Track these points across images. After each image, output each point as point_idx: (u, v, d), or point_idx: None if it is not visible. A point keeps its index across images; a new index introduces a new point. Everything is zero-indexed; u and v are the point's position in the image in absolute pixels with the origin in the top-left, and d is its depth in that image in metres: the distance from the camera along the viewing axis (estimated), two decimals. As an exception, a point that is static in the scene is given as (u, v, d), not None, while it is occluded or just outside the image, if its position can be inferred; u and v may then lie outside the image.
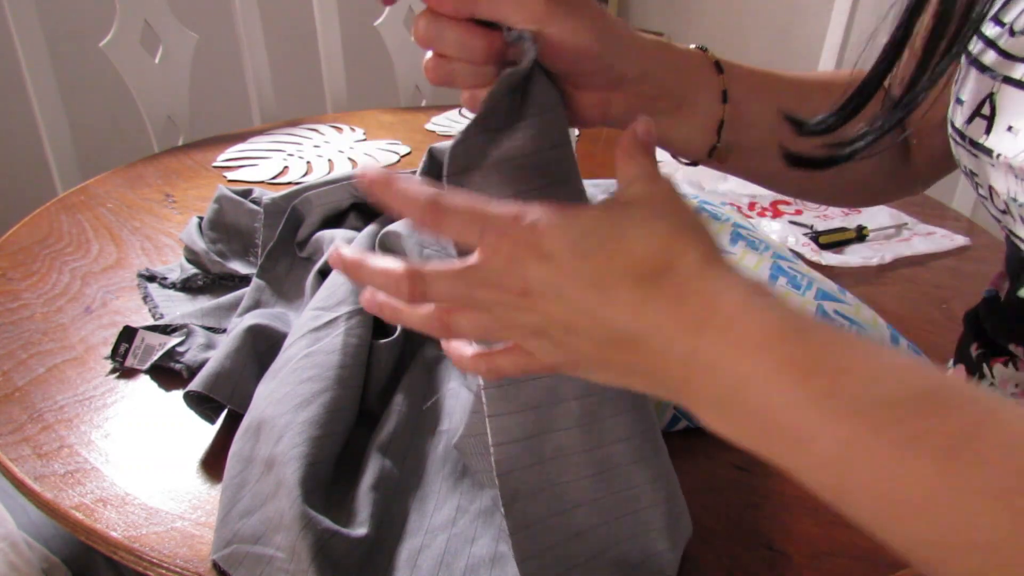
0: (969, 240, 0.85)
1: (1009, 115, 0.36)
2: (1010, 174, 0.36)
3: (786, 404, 0.26)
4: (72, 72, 1.47)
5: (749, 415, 0.28)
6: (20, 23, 1.02)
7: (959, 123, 0.40)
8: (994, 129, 0.37)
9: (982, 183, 0.39)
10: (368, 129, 1.15)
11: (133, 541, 0.43)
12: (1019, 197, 0.36)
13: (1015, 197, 0.36)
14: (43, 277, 0.71)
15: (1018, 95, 0.35)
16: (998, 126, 0.36)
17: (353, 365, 0.50)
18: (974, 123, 0.38)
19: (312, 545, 0.39)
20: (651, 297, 0.29)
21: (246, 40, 1.25)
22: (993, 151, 0.36)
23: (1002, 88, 0.36)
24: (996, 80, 0.37)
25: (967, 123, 0.39)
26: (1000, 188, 0.37)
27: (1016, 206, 0.37)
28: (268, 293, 0.65)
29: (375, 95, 1.67)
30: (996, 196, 0.38)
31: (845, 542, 0.45)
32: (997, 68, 0.37)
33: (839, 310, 0.60)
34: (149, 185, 0.93)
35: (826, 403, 0.25)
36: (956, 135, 0.40)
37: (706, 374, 0.28)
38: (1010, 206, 0.37)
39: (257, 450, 0.45)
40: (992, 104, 0.37)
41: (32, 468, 0.48)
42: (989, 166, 0.38)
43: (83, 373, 0.58)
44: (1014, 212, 0.37)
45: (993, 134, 0.37)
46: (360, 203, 0.72)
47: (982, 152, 0.38)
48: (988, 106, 0.37)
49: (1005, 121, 0.36)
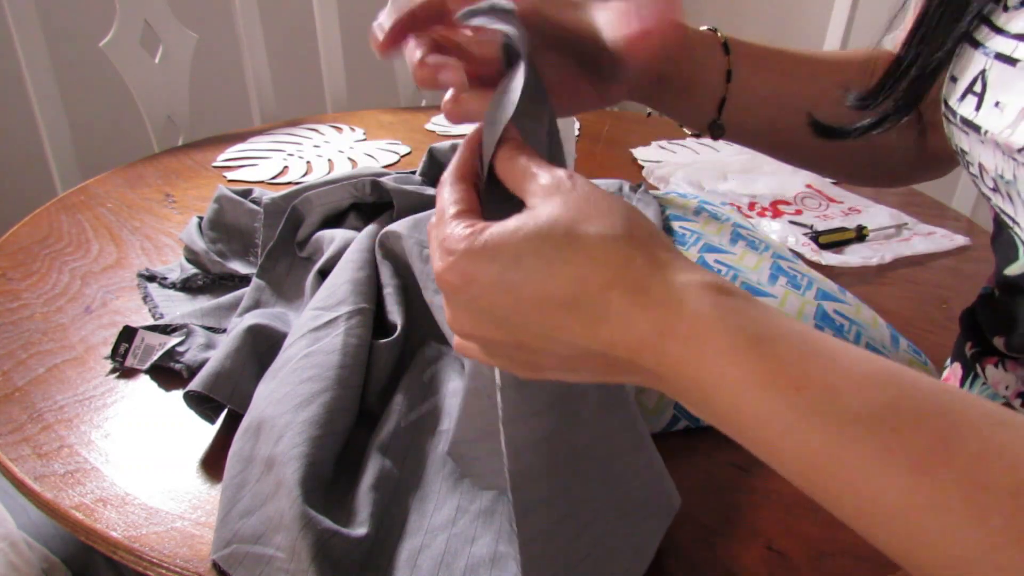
0: (969, 240, 0.85)
1: (997, 91, 0.36)
2: (997, 151, 0.36)
3: (755, 415, 0.26)
4: (72, 72, 1.47)
5: (720, 419, 0.28)
6: (20, 23, 1.02)
7: (952, 101, 0.40)
8: (983, 105, 0.37)
9: (972, 161, 0.39)
10: (368, 129, 1.16)
11: (133, 541, 0.43)
12: (1006, 174, 0.36)
13: (1002, 174, 0.36)
14: (43, 277, 0.71)
15: (1007, 71, 0.35)
16: (987, 102, 0.36)
17: (353, 365, 0.50)
18: (966, 100, 0.38)
19: (312, 545, 0.39)
20: (601, 318, 0.28)
21: (246, 40, 1.25)
22: (982, 127, 0.36)
23: (993, 64, 0.36)
24: (988, 56, 0.37)
25: (960, 100, 0.39)
26: (988, 165, 0.37)
27: (1003, 183, 0.36)
28: (268, 293, 0.65)
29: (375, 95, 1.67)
30: (985, 174, 0.38)
31: (845, 542, 0.45)
32: (989, 44, 0.37)
33: (839, 310, 0.60)
34: (149, 185, 0.93)
35: (791, 416, 0.25)
36: (948, 113, 0.40)
37: (675, 380, 0.28)
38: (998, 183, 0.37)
39: (257, 450, 0.45)
40: (983, 81, 0.37)
41: (32, 468, 0.48)
42: (978, 143, 0.37)
43: (83, 373, 0.58)
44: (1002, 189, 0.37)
45: (982, 110, 0.37)
46: (360, 203, 0.72)
47: (971, 129, 0.37)
48: (980, 83, 0.37)
49: (993, 97, 0.36)
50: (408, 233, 0.59)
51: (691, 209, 0.76)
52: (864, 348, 0.57)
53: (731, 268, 0.63)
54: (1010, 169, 0.35)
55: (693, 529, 0.45)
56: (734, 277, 0.62)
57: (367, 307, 0.55)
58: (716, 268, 0.63)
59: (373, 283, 0.58)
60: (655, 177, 0.99)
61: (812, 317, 0.58)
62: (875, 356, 0.27)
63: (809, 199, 0.94)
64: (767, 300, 0.59)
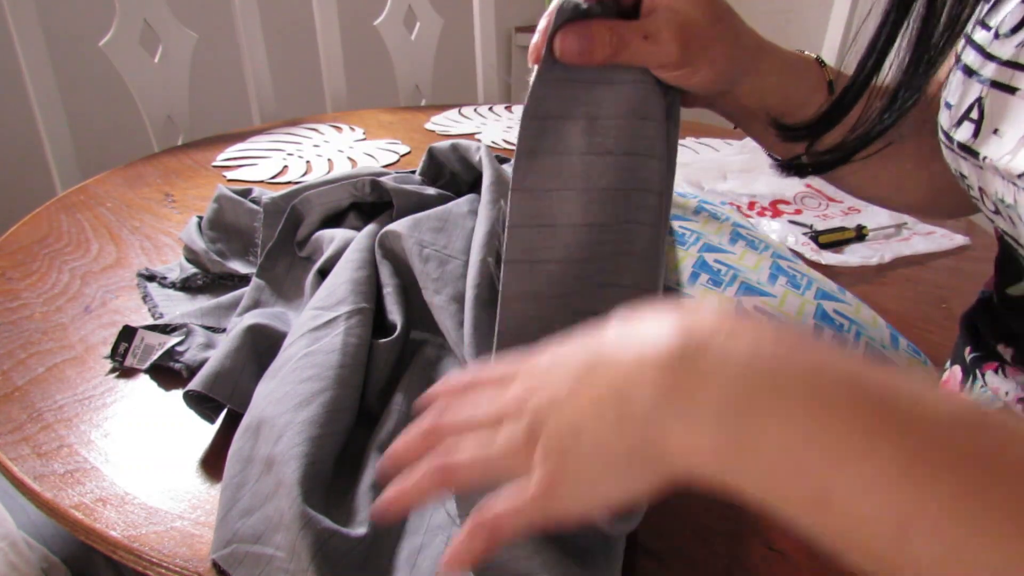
0: (969, 240, 0.85)
1: (995, 119, 0.36)
2: (996, 176, 0.36)
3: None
4: (72, 72, 1.47)
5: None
6: (20, 23, 1.02)
7: (947, 127, 0.40)
8: (982, 133, 0.37)
9: (972, 185, 0.39)
10: (368, 128, 1.16)
11: (133, 540, 0.43)
12: (1006, 199, 0.36)
13: (1003, 199, 0.36)
14: (42, 276, 0.71)
15: (1004, 99, 0.35)
16: (985, 129, 0.36)
17: (353, 364, 0.50)
18: (963, 127, 0.38)
19: (312, 544, 0.39)
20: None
21: (246, 39, 1.25)
22: (980, 154, 0.37)
23: (990, 92, 0.36)
24: (984, 84, 0.37)
25: (955, 126, 0.39)
26: (989, 190, 0.38)
27: (1004, 207, 0.37)
28: (268, 293, 0.65)
29: (375, 95, 1.67)
30: (986, 197, 0.38)
31: (845, 541, 0.45)
32: (983, 72, 0.37)
33: (839, 309, 0.60)
34: (149, 184, 0.93)
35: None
36: (945, 138, 0.41)
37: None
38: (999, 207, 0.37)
39: (257, 449, 0.45)
40: (980, 108, 0.37)
41: (31, 467, 0.48)
42: (977, 168, 0.38)
43: (83, 373, 0.58)
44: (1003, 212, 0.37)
45: (981, 137, 0.37)
46: (360, 203, 0.72)
47: (970, 155, 0.38)
48: (977, 110, 0.37)
49: (991, 124, 0.36)
50: (408, 233, 0.59)
51: (691, 209, 0.76)
52: (864, 347, 0.57)
53: (731, 268, 0.63)
54: (1011, 194, 0.35)
55: (693, 529, 0.45)
56: (734, 277, 0.62)
57: (367, 307, 0.55)
58: (716, 268, 0.63)
59: (373, 283, 0.58)
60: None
61: (812, 317, 0.58)
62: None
63: (809, 198, 0.94)
64: (767, 299, 0.59)
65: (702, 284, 0.61)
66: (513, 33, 2.61)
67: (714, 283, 0.61)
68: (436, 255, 0.58)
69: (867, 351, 0.57)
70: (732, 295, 0.59)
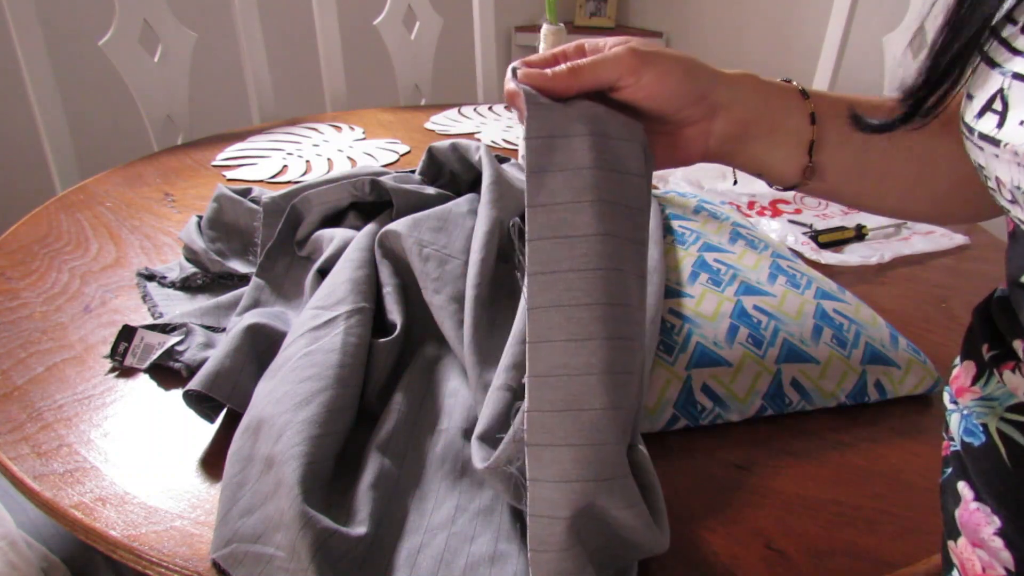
0: (968, 239, 0.85)
1: (1021, 110, 0.37)
2: (1013, 163, 0.37)
3: None
4: (71, 71, 1.47)
5: None
6: (20, 23, 1.02)
7: (968, 118, 0.41)
8: (1006, 123, 0.38)
9: (989, 175, 0.40)
10: (367, 128, 1.15)
11: (132, 540, 0.43)
12: (1023, 185, 0.37)
13: (1019, 185, 0.37)
14: (42, 276, 0.71)
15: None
16: (1011, 120, 0.37)
17: (352, 364, 0.50)
18: (985, 117, 0.39)
19: (312, 544, 0.39)
20: None
21: (245, 39, 1.25)
22: (1001, 141, 0.37)
23: (1012, 84, 0.37)
24: (1006, 76, 0.38)
25: (977, 118, 0.40)
26: (1004, 178, 0.38)
27: (1020, 194, 0.37)
28: (267, 292, 0.65)
29: (374, 94, 1.68)
30: (1002, 187, 0.39)
31: (845, 542, 0.45)
32: (1007, 64, 0.38)
33: (838, 309, 0.60)
34: (148, 184, 0.93)
35: None
36: (966, 130, 0.41)
37: None
38: (1016, 195, 0.38)
39: (256, 449, 0.45)
40: (1004, 100, 0.38)
41: (31, 467, 0.48)
42: (994, 156, 0.38)
43: (82, 372, 0.58)
44: (1020, 200, 0.38)
45: (1005, 127, 0.38)
46: (359, 202, 0.72)
47: (989, 143, 0.38)
48: (1000, 101, 0.38)
49: (1017, 116, 0.37)
50: (408, 232, 0.59)
51: (690, 208, 0.76)
52: (863, 347, 0.57)
53: (730, 267, 0.63)
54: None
55: (693, 529, 0.45)
56: (734, 276, 0.62)
57: (367, 306, 0.55)
58: (716, 267, 0.63)
59: (372, 282, 0.58)
60: (654, 176, 0.99)
61: (811, 316, 0.58)
62: None
63: (808, 198, 0.94)
64: (766, 299, 0.59)
65: (702, 283, 0.61)
66: (513, 33, 2.61)
67: (714, 282, 0.61)
68: (436, 255, 0.58)
69: (867, 351, 0.57)
70: (732, 295, 0.59)
